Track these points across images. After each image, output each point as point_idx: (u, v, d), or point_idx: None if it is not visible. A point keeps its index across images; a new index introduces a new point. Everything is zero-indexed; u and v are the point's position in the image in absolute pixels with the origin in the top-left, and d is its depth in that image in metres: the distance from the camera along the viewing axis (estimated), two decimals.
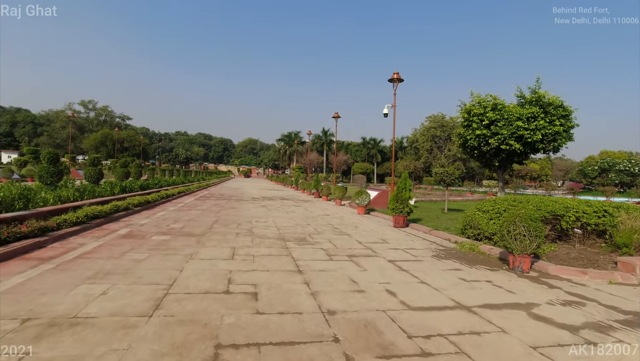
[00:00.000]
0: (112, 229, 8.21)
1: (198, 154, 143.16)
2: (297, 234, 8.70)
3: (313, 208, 16.27)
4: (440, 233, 9.54)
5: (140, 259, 5.61)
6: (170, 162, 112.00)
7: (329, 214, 13.62)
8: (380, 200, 16.60)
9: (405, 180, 11.09)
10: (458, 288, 4.89)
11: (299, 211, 14.27)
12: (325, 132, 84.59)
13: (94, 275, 4.65)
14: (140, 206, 11.95)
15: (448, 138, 77.64)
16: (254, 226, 9.78)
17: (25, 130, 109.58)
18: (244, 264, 5.60)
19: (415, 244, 8.14)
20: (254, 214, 12.45)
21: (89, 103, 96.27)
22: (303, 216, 12.75)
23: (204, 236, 7.91)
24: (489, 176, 79.00)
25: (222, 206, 15.08)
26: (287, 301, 4.05)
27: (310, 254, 6.56)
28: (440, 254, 7.13)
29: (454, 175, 15.49)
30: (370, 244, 7.85)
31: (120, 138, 69.13)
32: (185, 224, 9.53)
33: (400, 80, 17.21)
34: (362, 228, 10.33)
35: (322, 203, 19.71)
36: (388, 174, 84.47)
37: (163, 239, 7.27)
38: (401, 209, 10.82)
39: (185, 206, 14.19)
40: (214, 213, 12.23)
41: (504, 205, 7.96)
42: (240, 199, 19.63)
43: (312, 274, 5.22)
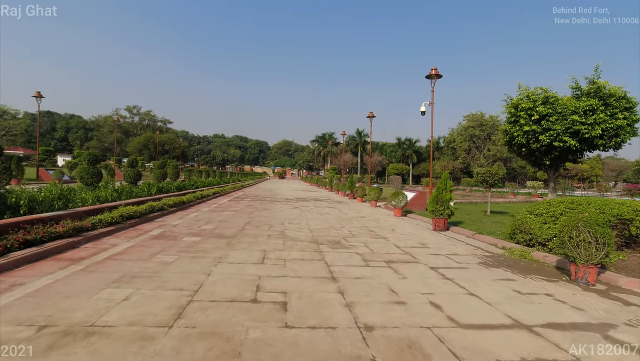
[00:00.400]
0: (145, 229, 8.19)
1: (234, 156, 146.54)
2: (331, 237, 8.30)
3: (347, 209, 15.82)
4: (485, 237, 8.80)
5: (169, 261, 5.43)
6: (207, 164, 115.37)
7: (364, 216, 13.13)
8: (418, 202, 15.89)
9: (445, 181, 10.41)
10: (513, 302, 4.29)
11: (333, 213, 13.87)
12: (359, 133, 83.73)
13: (120, 278, 4.49)
14: (175, 206, 12.03)
15: (487, 138, 74.53)
16: (287, 228, 9.49)
17: (77, 135, 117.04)
18: (274, 269, 5.27)
19: (458, 250, 7.51)
20: (287, 216, 12.19)
21: (134, 108, 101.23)
22: (337, 218, 12.34)
23: (234, 238, 7.70)
24: (532, 177, 74.98)
25: (255, 207, 14.97)
26: (320, 313, 3.66)
27: (344, 259, 6.14)
28: (488, 261, 6.48)
29: (498, 175, 14.52)
30: (409, 249, 7.31)
31: (161, 141, 71.88)
32: (217, 225, 9.40)
33: (439, 76, 16.41)
34: (399, 231, 9.77)
35: (356, 204, 19.22)
36: (424, 175, 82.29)
37: (193, 241, 7.11)
38: (441, 211, 10.15)
39: (219, 207, 14.20)
40: (246, 214, 12.10)
41: (561, 208, 7.15)
42: (273, 200, 19.53)
43: (346, 282, 4.80)
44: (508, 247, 7.61)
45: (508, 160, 75.07)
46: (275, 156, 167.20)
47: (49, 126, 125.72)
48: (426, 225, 11.30)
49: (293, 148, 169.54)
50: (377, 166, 78.29)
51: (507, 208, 18.96)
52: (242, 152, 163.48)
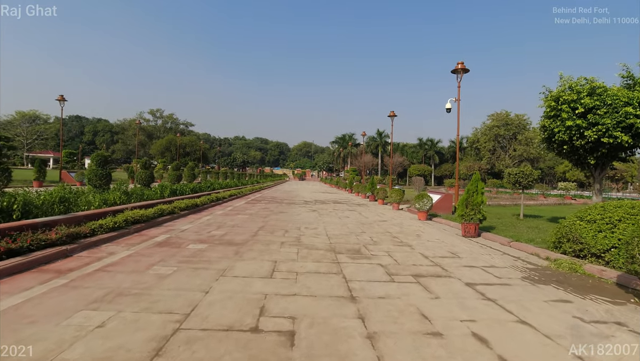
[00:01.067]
0: (151, 235, 7.64)
1: (255, 157, 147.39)
2: (351, 245, 7.53)
3: (368, 212, 14.98)
4: (523, 245, 7.83)
5: (165, 274, 4.80)
6: (228, 165, 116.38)
7: (385, 220, 12.28)
8: (443, 205, 14.88)
9: (476, 182, 9.46)
10: (579, 334, 3.42)
11: (353, 217, 13.07)
12: (380, 134, 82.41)
13: (103, 297, 3.87)
14: (187, 209, 11.53)
15: (513, 137, 71.88)
16: (303, 233, 8.77)
17: (104, 138, 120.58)
18: (284, 285, 4.55)
19: (494, 260, 6.60)
20: (304, 220, 11.48)
21: (157, 112, 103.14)
22: (357, 222, 11.54)
23: (244, 245, 7.04)
24: (560, 177, 71.78)
25: (271, 210, 14.34)
26: (335, 349, 2.91)
27: (365, 273, 5.37)
28: (533, 276, 5.57)
29: (532, 176, 13.38)
30: (438, 259, 6.46)
31: (182, 143, 72.73)
32: (228, 230, 8.78)
33: (466, 70, 15.37)
34: (425, 238, 8.90)
35: (377, 207, 18.34)
36: (446, 176, 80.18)
37: (199, 249, 6.49)
38: (472, 216, 9.21)
39: (234, 210, 13.64)
40: (261, 218, 11.46)
41: (618, 213, 6.14)
42: (291, 202, 18.89)
43: (368, 304, 4.03)
44: (553, 258, 6.64)
45: (535, 160, 72.28)
46: (295, 157, 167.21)
47: (78, 130, 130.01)
48: (454, 231, 10.36)
49: (313, 150, 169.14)
50: (398, 167, 76.69)
51: (540, 211, 17.67)
52: (263, 154, 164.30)
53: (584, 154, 9.20)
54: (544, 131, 9.84)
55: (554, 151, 10.22)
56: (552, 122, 9.25)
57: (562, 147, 9.40)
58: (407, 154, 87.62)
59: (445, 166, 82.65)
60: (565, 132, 8.89)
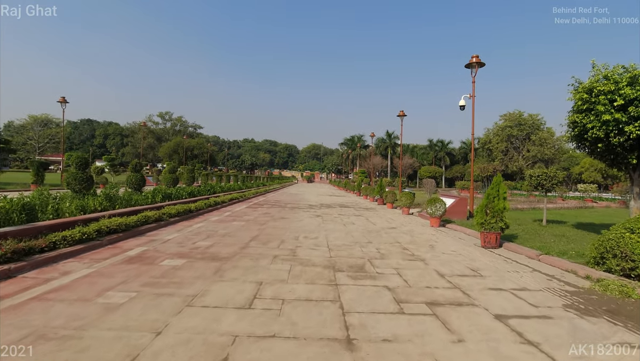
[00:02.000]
0: (125, 248, 6.70)
1: (264, 160, 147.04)
2: (354, 259, 6.51)
3: (376, 217, 13.92)
4: (555, 259, 6.72)
5: (117, 304, 3.84)
6: (236, 168, 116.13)
7: (395, 227, 11.21)
8: (457, 209, 13.74)
9: (497, 185, 8.36)
10: None
11: (359, 223, 12.03)
12: (389, 135, 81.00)
13: (18, 341, 2.92)
14: (178, 216, 10.62)
15: (527, 138, 69.97)
16: (300, 244, 7.78)
17: (114, 141, 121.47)
18: (262, 321, 3.56)
19: (525, 280, 5.52)
20: (305, 227, 10.48)
21: (166, 114, 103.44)
22: (363, 229, 10.49)
23: (229, 260, 6.07)
24: (576, 179, 69.54)
25: (271, 215, 13.37)
26: None
27: (368, 299, 4.34)
28: (577, 303, 4.48)
29: (557, 178, 12.17)
30: (457, 279, 5.40)
31: (190, 146, 72.46)
32: (217, 240, 7.83)
33: (481, 64, 14.26)
34: (440, 249, 7.84)
35: (386, 211, 17.25)
36: (457, 178, 78.38)
37: (174, 266, 5.53)
38: (493, 224, 8.11)
39: (231, 216, 12.70)
40: (258, 225, 10.49)
41: None
42: (295, 206, 17.92)
43: (371, 350, 3.01)
44: (595, 277, 5.54)
45: (550, 161, 70.29)
46: (304, 159, 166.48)
47: (89, 133, 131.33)
48: (471, 240, 9.26)
49: (322, 152, 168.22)
50: (408, 169, 75.21)
51: (562, 216, 16.38)
52: (272, 156, 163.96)
53: (622, 153, 8.03)
54: (573, 128, 8.69)
55: (585, 150, 9.03)
56: (584, 117, 8.10)
57: (596, 146, 8.23)
58: (417, 155, 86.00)
59: (457, 168, 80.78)
60: (601, 128, 7.74)
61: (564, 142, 69.05)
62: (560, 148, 69.35)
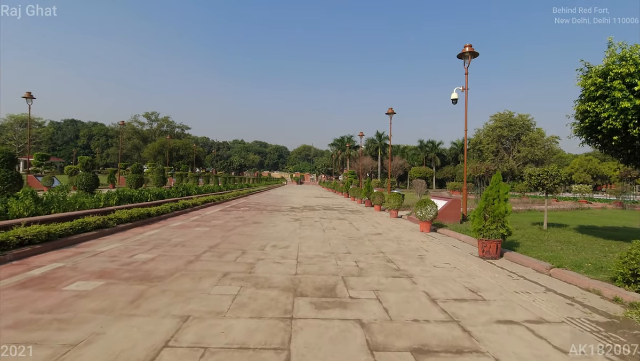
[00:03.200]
0: (32, 265, 5.27)
1: (254, 161, 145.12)
2: (324, 277, 5.20)
3: (361, 222, 12.65)
4: (571, 275, 5.51)
5: None
6: (224, 169, 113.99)
7: (380, 233, 9.94)
8: (450, 212, 12.54)
9: (497, 185, 7.13)
10: None
11: (342, 228, 10.74)
12: (379, 136, 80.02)
13: None
14: (131, 221, 9.21)
15: (517, 138, 69.59)
16: (264, 256, 6.46)
17: (99, 142, 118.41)
18: None
19: (540, 306, 4.27)
20: (278, 233, 9.15)
21: (152, 115, 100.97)
22: (344, 236, 9.20)
23: (163, 281, 4.71)
24: (567, 180, 69.25)
25: (244, 219, 12.00)
26: None
27: (330, 344, 3.04)
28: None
29: (559, 177, 11.03)
30: (454, 306, 4.13)
31: (175, 147, 70.45)
32: (163, 252, 6.46)
33: (475, 54, 13.13)
34: (431, 260, 6.58)
35: (373, 214, 16.00)
36: (449, 178, 77.70)
37: (80, 292, 4.16)
38: (493, 230, 6.89)
39: (196, 221, 11.30)
40: (224, 232, 9.13)
41: None
42: (275, 209, 16.57)
43: None
44: (627, 300, 4.35)
45: (540, 162, 70.01)
46: (295, 161, 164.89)
47: (73, 134, 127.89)
48: (467, 248, 8.04)
49: (312, 153, 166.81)
50: (399, 169, 74.31)
51: (561, 218, 15.32)
52: (262, 157, 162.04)
53: None
54: (583, 118, 7.52)
55: (597, 144, 7.87)
56: (597, 105, 6.95)
57: (611, 139, 7.09)
58: (408, 156, 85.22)
59: (447, 169, 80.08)
60: (618, 117, 6.59)
61: (554, 143, 68.95)
62: (550, 149, 69.21)
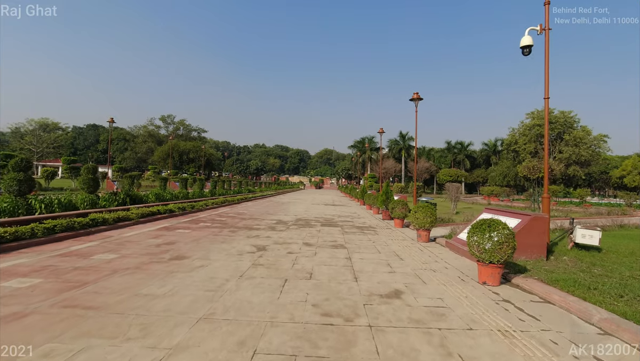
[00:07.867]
0: None
1: (274, 165, 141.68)
2: None
3: (368, 253, 7.60)
4: None
5: None
6: (241, 173, 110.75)
7: (401, 291, 4.88)
8: (526, 239, 7.14)
9: None
10: None
11: (326, 273, 5.74)
12: (403, 136, 73.87)
13: None
14: None
15: (558, 137, 61.97)
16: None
17: (118, 146, 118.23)
18: None
19: None
20: (200, 294, 4.27)
21: (168, 118, 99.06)
22: (319, 308, 4.21)
23: None
24: (616, 183, 61.30)
25: (173, 248, 7.18)
26: None
27: None
28: None
29: None
30: None
31: (185, 149, 67.10)
32: None
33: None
34: None
35: (392, 233, 10.87)
36: (480, 182, 70.77)
37: None
38: None
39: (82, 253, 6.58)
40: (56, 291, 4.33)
41: None
42: (251, 226, 11.71)
43: None
44: None
45: (586, 163, 62.31)
46: (316, 165, 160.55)
47: (93, 139, 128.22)
48: (589, 329, 2.94)
49: (334, 156, 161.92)
50: (424, 173, 67.83)
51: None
52: (282, 161, 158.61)
53: None
54: None
55: None
56: None
57: None
58: (434, 158, 78.49)
59: (478, 172, 72.78)
60: None
61: (602, 142, 61.06)
62: (598, 150, 61.45)
